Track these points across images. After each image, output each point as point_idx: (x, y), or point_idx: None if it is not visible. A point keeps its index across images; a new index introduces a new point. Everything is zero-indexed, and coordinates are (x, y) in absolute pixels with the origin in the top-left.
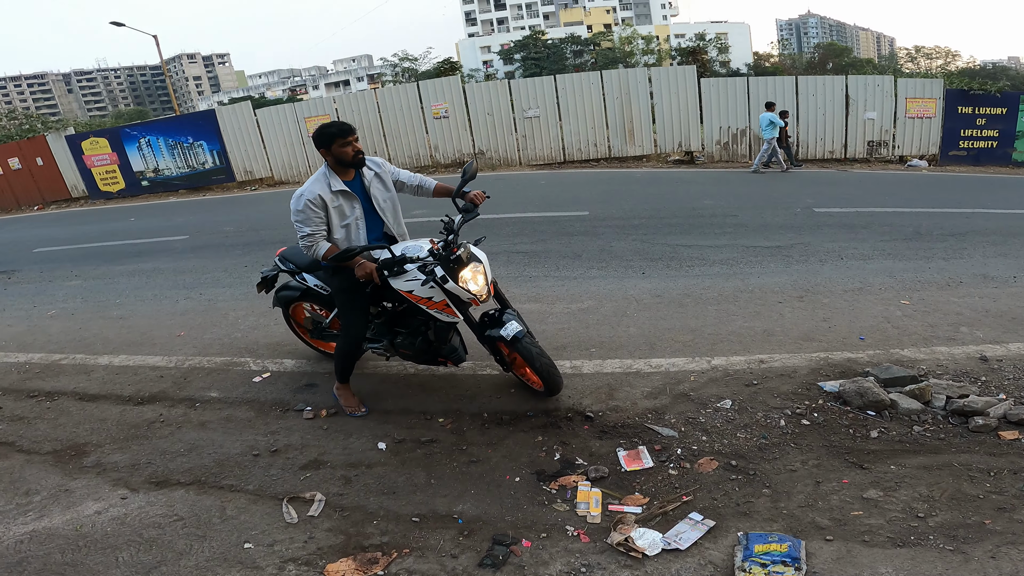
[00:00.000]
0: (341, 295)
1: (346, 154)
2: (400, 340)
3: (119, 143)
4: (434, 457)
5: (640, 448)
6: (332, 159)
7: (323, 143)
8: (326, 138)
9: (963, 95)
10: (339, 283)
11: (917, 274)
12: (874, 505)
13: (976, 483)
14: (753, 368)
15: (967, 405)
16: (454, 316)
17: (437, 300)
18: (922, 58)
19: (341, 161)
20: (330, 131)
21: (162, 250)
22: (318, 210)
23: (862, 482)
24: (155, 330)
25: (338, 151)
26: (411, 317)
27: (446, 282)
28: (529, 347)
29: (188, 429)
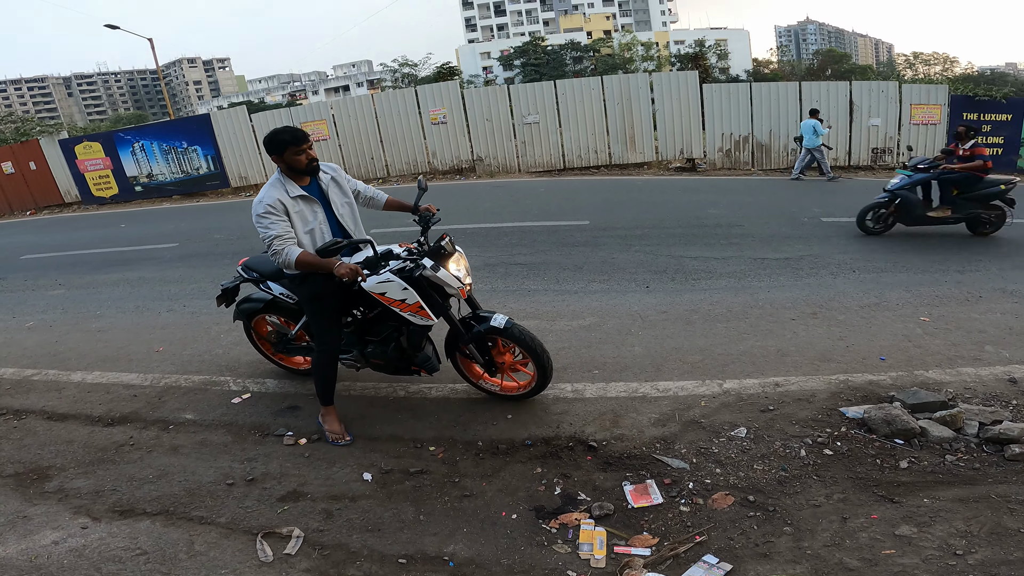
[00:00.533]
0: (311, 303)
1: (299, 162)
2: (371, 349)
3: (112, 148)
4: (424, 490)
5: (648, 482)
6: (285, 166)
7: (274, 150)
8: (277, 145)
9: (968, 101)
10: (308, 290)
11: (934, 288)
12: (907, 542)
13: (1016, 516)
14: (768, 392)
15: (1003, 433)
16: (428, 319)
17: (411, 302)
18: (920, 64)
19: (294, 168)
20: (282, 138)
21: (149, 258)
22: (281, 215)
23: (893, 517)
24: (133, 344)
25: (291, 158)
26: (382, 324)
27: (437, 270)
28: (523, 333)
29: (159, 454)
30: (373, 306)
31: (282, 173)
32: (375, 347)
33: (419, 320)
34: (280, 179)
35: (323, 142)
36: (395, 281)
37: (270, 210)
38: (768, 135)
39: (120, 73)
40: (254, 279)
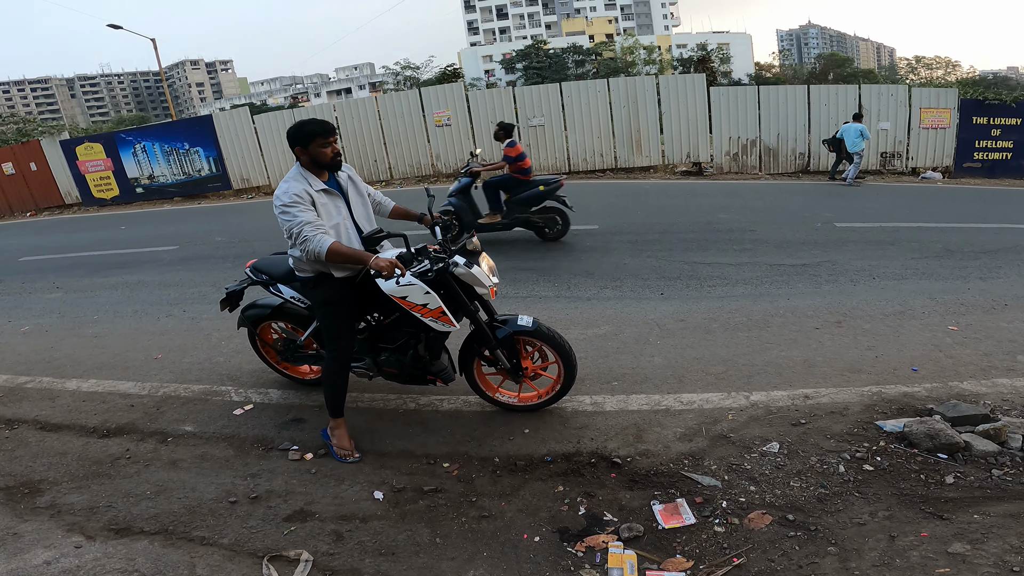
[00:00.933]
0: (324, 308)
1: (324, 155)
2: (385, 358)
3: (114, 149)
4: (439, 510)
5: (678, 501)
6: (307, 158)
7: (300, 141)
8: (305, 136)
9: (978, 105)
10: (322, 294)
11: (957, 295)
12: (961, 560)
13: None
14: (798, 404)
15: None
16: (450, 324)
17: (433, 307)
18: (923, 68)
19: (317, 162)
20: (310, 129)
21: (149, 261)
22: (308, 205)
23: (944, 534)
24: (131, 351)
25: (316, 151)
26: (397, 331)
27: (470, 267)
28: (551, 331)
29: (157, 468)
30: (390, 311)
31: (303, 166)
32: (389, 355)
33: (440, 326)
34: (302, 172)
35: None
36: (417, 284)
37: (297, 199)
38: (776, 139)
39: (123, 75)
40: (263, 282)
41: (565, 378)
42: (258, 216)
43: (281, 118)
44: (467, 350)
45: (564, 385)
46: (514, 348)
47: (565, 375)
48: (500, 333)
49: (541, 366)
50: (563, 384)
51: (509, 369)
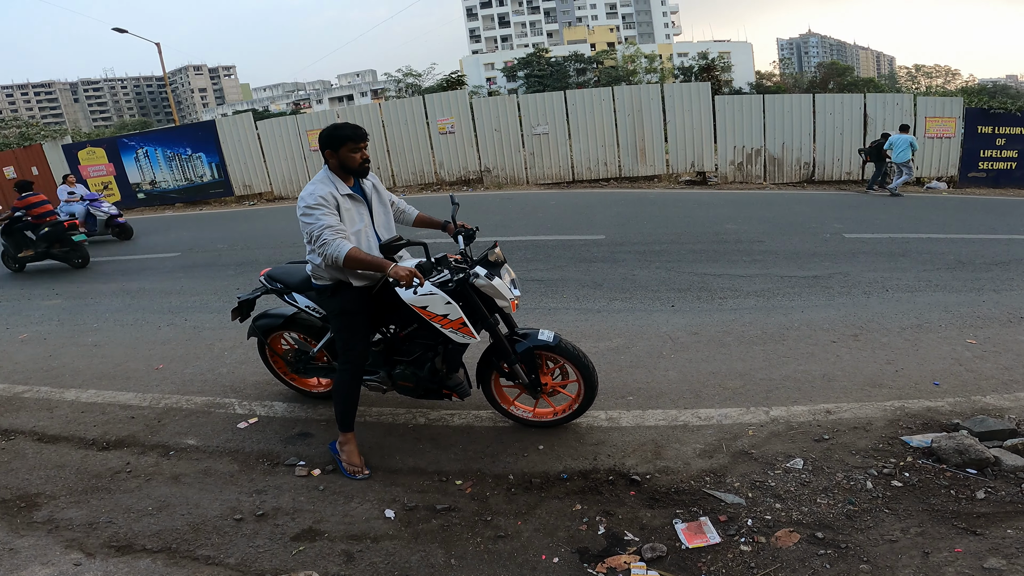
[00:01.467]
0: (340, 318)
1: (354, 160)
2: (400, 371)
3: (116, 153)
4: (453, 530)
5: (702, 519)
6: (336, 162)
7: (332, 144)
8: (338, 139)
9: (983, 114)
10: (338, 304)
11: (973, 308)
12: (998, 575)
13: None
14: (820, 420)
15: None
16: (470, 336)
17: (453, 318)
18: (922, 77)
19: (346, 166)
20: (344, 132)
21: (150, 268)
22: (333, 209)
23: (979, 550)
24: (131, 361)
25: (346, 155)
26: (413, 343)
27: (491, 278)
28: (573, 348)
29: (159, 483)
30: (407, 323)
31: (331, 170)
32: (404, 368)
33: (460, 338)
34: (329, 176)
35: None
36: (438, 294)
37: (322, 202)
38: (780, 148)
39: (127, 80)
40: (278, 290)
41: (584, 397)
42: (260, 223)
43: (284, 124)
44: (485, 363)
45: (583, 404)
46: (534, 363)
47: (585, 394)
48: (520, 347)
49: (560, 383)
50: (582, 403)
51: (527, 384)
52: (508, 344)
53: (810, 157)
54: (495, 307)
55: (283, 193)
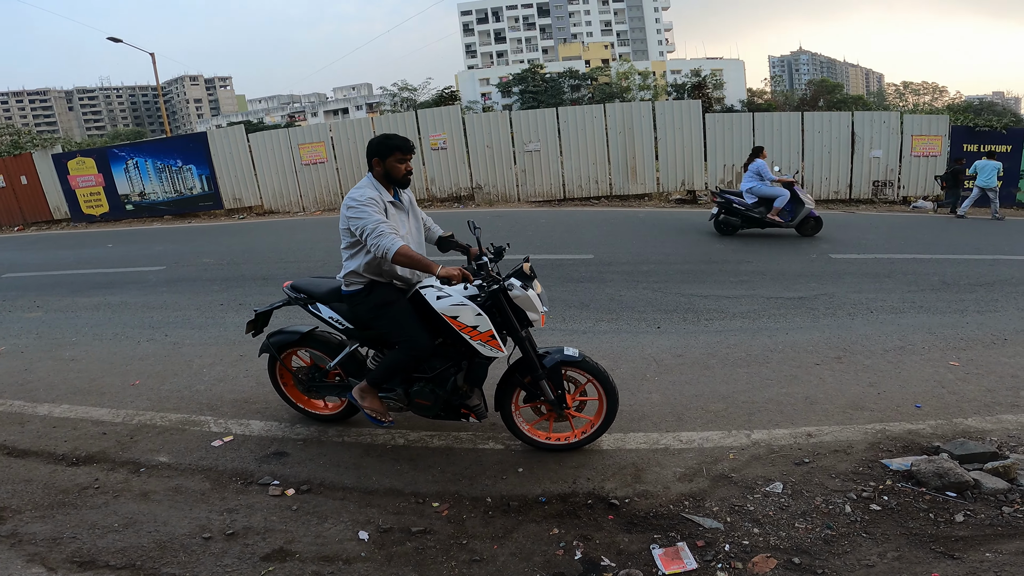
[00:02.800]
0: (383, 310)
1: (399, 170)
2: (418, 388)
3: (106, 164)
4: (427, 553)
5: (679, 544)
6: (381, 171)
7: (381, 152)
8: (387, 148)
9: (969, 132)
10: (378, 297)
11: (956, 330)
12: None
13: None
14: (801, 443)
15: None
16: (498, 349)
17: (483, 330)
18: (910, 94)
19: (390, 176)
20: (394, 142)
21: (134, 281)
22: (382, 210)
23: (956, 574)
24: (107, 376)
25: (393, 164)
26: (435, 358)
27: (526, 290)
28: (597, 365)
29: (127, 499)
30: (432, 337)
31: (374, 178)
32: (423, 385)
33: (488, 351)
34: (373, 183)
35: (321, 165)
36: (469, 305)
37: (372, 201)
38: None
39: (122, 88)
40: (301, 300)
41: (606, 415)
42: (250, 238)
43: (276, 137)
44: (507, 381)
45: (604, 423)
46: (560, 379)
47: (606, 413)
48: (548, 361)
49: (577, 392)
50: (603, 422)
51: (553, 401)
52: (537, 358)
53: (800, 176)
54: (526, 321)
55: (274, 207)
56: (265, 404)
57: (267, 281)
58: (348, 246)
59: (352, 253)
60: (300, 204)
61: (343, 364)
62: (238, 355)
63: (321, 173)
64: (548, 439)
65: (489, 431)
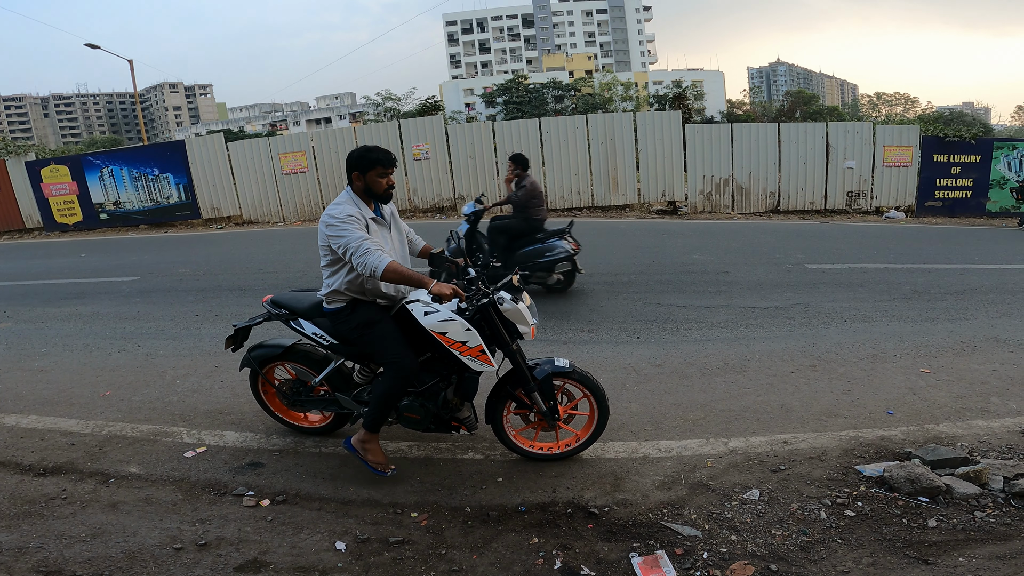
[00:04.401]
0: (368, 330)
1: (380, 184)
2: (407, 402)
3: (80, 172)
4: (406, 563)
5: (658, 553)
6: (362, 185)
7: (361, 166)
8: (368, 162)
9: (939, 142)
10: (362, 316)
11: (928, 338)
12: None
13: None
14: (777, 450)
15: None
16: (488, 364)
17: (472, 345)
18: (883, 105)
19: (371, 190)
20: (375, 156)
21: (107, 292)
22: (363, 226)
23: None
24: (77, 387)
25: (374, 179)
26: (423, 373)
27: (516, 302)
28: (587, 374)
29: (95, 510)
30: (421, 352)
31: (354, 192)
32: (413, 399)
33: (478, 365)
34: (352, 198)
35: (302, 174)
36: (458, 320)
37: (352, 218)
38: (748, 177)
39: (99, 95)
40: (283, 316)
41: (597, 425)
42: (227, 247)
43: (256, 146)
44: (497, 394)
45: (595, 432)
46: (551, 390)
47: (597, 423)
48: (539, 373)
49: (570, 406)
50: (594, 430)
51: (545, 412)
52: (527, 371)
53: (776, 187)
54: (515, 334)
55: (253, 217)
56: (240, 415)
57: (245, 292)
58: (328, 264)
59: (333, 271)
60: (280, 214)
61: (329, 379)
62: (213, 366)
63: (302, 183)
64: (532, 447)
65: (468, 441)
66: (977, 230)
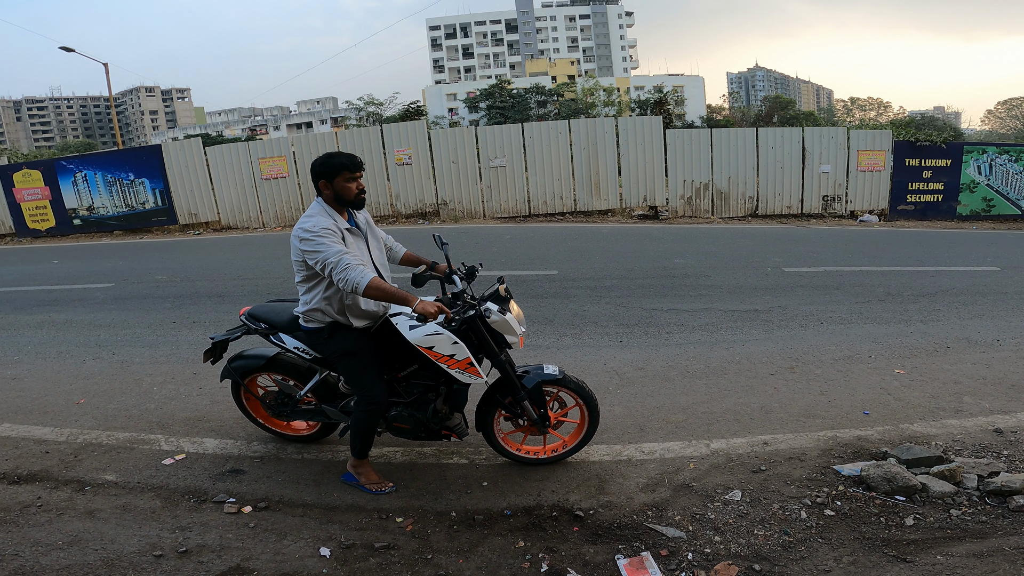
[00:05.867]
0: (345, 360)
1: (349, 190)
2: (396, 412)
3: (53, 176)
4: (392, 568)
5: (644, 554)
6: (331, 193)
7: (326, 174)
8: (331, 168)
9: (911, 147)
10: (338, 346)
11: (901, 339)
12: None
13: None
14: (758, 451)
15: (1005, 485)
16: (477, 376)
17: (460, 358)
18: (857, 110)
19: (341, 198)
20: (339, 161)
21: (81, 299)
22: (339, 239)
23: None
24: (51, 395)
25: (342, 185)
26: (412, 384)
27: (504, 313)
28: (578, 380)
29: (71, 517)
30: (406, 363)
31: (325, 202)
32: (402, 410)
33: (467, 378)
34: (325, 208)
35: (282, 179)
36: (444, 334)
37: (328, 231)
38: (727, 182)
39: (73, 99)
40: (262, 331)
41: (588, 429)
42: (205, 254)
43: (236, 150)
44: (487, 402)
45: (585, 436)
46: (542, 398)
47: (588, 427)
48: (528, 381)
49: (561, 413)
50: (585, 434)
51: (536, 420)
52: (517, 380)
53: (754, 191)
54: (504, 344)
55: (231, 223)
56: (220, 422)
57: (224, 298)
58: (304, 279)
59: (309, 287)
60: (260, 220)
61: (315, 390)
62: (191, 373)
63: (282, 188)
64: (518, 450)
65: (453, 446)
66: (949, 233)
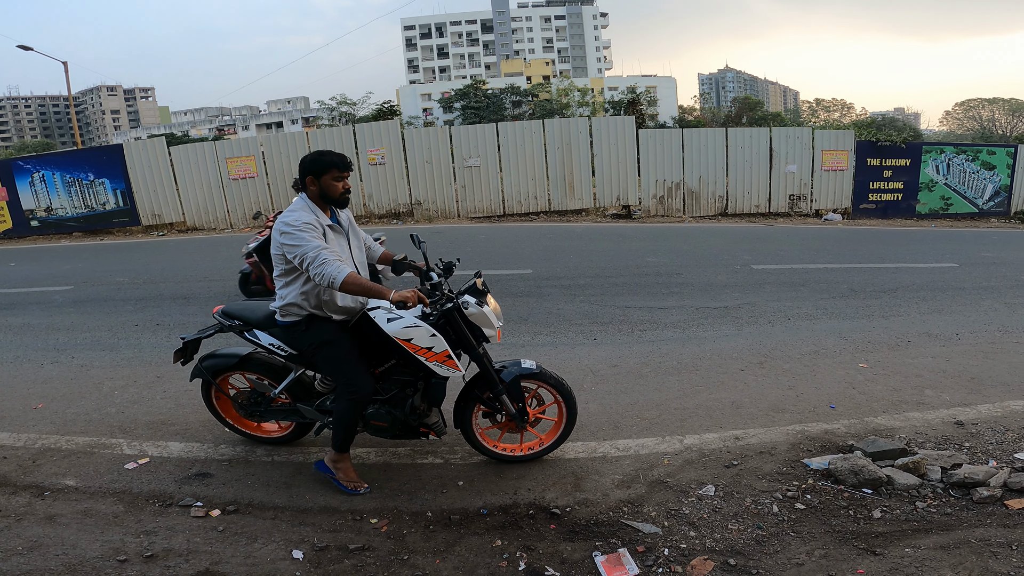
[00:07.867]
0: (324, 351)
1: (335, 189)
2: (373, 410)
3: (10, 177)
4: (367, 570)
5: (620, 551)
6: (317, 190)
7: (315, 170)
8: (321, 166)
9: (872, 147)
10: (316, 337)
11: (864, 334)
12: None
13: (1001, 560)
14: (729, 446)
15: (968, 477)
16: (455, 369)
17: (438, 351)
18: (822, 111)
19: (326, 195)
20: (329, 159)
21: (38, 302)
22: (320, 234)
23: (879, 570)
24: (7, 400)
25: (329, 183)
26: (390, 380)
27: (482, 306)
28: (555, 375)
29: (31, 523)
30: (383, 359)
31: (309, 199)
32: (379, 407)
33: (444, 371)
34: (308, 204)
35: (250, 179)
36: (422, 326)
37: (309, 226)
38: (698, 181)
39: (31, 98)
40: (236, 327)
41: (566, 425)
42: (169, 255)
43: (201, 150)
44: (465, 397)
45: (563, 432)
46: (520, 393)
47: (566, 423)
48: (506, 376)
49: (539, 410)
50: (562, 432)
51: (514, 415)
52: (495, 374)
53: (724, 190)
54: (481, 337)
55: (197, 224)
56: (185, 425)
57: (189, 300)
58: (283, 273)
59: (287, 281)
60: (227, 220)
61: (289, 389)
62: (155, 376)
63: (251, 188)
64: (495, 447)
65: (428, 445)
66: (909, 231)
